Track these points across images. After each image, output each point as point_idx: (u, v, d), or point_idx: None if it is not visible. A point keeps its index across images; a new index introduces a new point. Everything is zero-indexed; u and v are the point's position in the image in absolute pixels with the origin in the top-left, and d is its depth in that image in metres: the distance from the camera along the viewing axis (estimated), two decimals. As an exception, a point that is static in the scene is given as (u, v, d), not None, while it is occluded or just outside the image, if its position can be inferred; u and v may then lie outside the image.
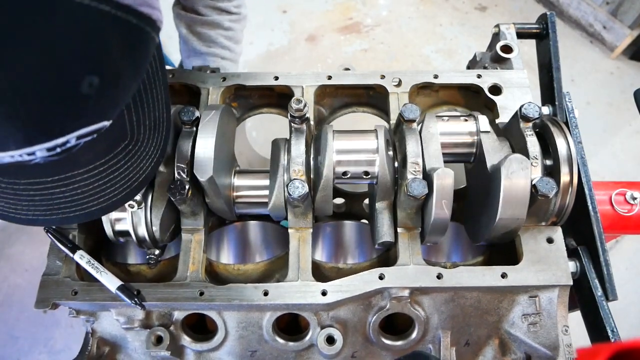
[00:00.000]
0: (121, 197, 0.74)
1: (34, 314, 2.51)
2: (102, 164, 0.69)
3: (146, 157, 0.75)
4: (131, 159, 0.72)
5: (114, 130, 0.66)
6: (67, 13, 0.49)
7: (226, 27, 1.48)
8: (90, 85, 0.54)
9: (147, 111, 0.73)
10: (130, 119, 0.70)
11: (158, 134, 0.77)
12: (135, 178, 0.75)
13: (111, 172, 0.70)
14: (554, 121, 0.94)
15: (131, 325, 0.93)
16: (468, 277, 0.89)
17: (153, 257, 0.96)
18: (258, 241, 1.19)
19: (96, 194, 0.70)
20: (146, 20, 0.60)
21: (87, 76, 0.54)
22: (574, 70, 3.37)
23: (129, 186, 0.74)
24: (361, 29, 3.56)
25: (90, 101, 0.56)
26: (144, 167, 0.75)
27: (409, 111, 0.92)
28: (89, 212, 0.72)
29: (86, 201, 0.70)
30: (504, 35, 1.16)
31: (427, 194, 0.86)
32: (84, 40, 0.52)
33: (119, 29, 0.56)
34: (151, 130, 0.75)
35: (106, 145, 0.67)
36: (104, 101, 0.59)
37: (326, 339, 0.91)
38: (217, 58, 1.49)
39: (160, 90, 0.76)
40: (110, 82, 0.59)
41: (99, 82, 0.55)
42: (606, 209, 1.17)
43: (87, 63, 0.54)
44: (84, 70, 0.54)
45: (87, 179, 0.68)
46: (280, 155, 0.96)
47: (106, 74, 0.57)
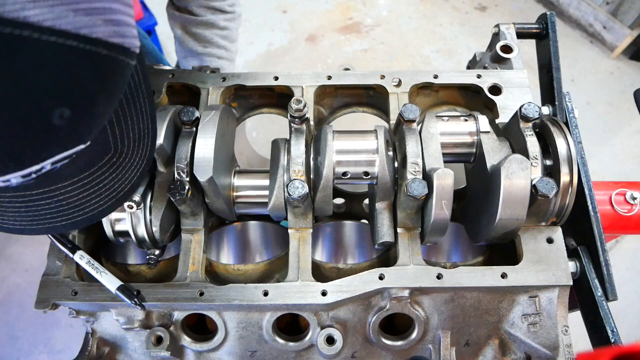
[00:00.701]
0: (107, 206, 0.75)
1: (34, 314, 2.51)
2: (85, 176, 0.69)
3: (131, 168, 0.76)
4: (115, 171, 0.73)
5: (96, 146, 0.66)
6: (34, 51, 0.50)
7: (221, 27, 1.48)
8: (61, 116, 0.55)
9: (131, 124, 0.73)
10: (113, 133, 0.70)
11: (143, 145, 0.77)
12: (120, 189, 0.75)
13: (95, 184, 0.71)
14: (554, 121, 0.94)
15: (131, 326, 0.94)
16: (468, 277, 0.89)
17: (153, 258, 0.96)
18: (258, 241, 1.19)
19: (81, 204, 0.71)
20: (117, 49, 0.60)
21: (57, 108, 0.55)
22: (574, 70, 3.37)
23: (114, 196, 0.75)
24: (361, 29, 3.56)
25: (61, 131, 0.57)
26: (129, 177, 0.76)
27: (409, 111, 0.92)
28: (74, 221, 0.72)
29: (72, 211, 0.71)
30: (504, 35, 1.16)
31: (427, 194, 0.86)
32: (52, 74, 0.53)
33: (89, 62, 0.57)
34: (135, 142, 0.75)
35: (88, 160, 0.67)
36: (77, 129, 0.60)
37: (326, 339, 0.91)
38: (214, 58, 1.49)
39: (144, 102, 0.75)
40: (83, 112, 0.59)
41: (70, 113, 0.56)
42: (606, 209, 1.17)
43: (56, 96, 0.55)
44: (53, 103, 0.55)
45: (71, 191, 0.69)
46: (280, 155, 0.96)
47: (78, 105, 0.58)
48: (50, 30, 0.50)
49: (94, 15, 0.55)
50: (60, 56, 0.53)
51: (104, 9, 0.57)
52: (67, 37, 0.52)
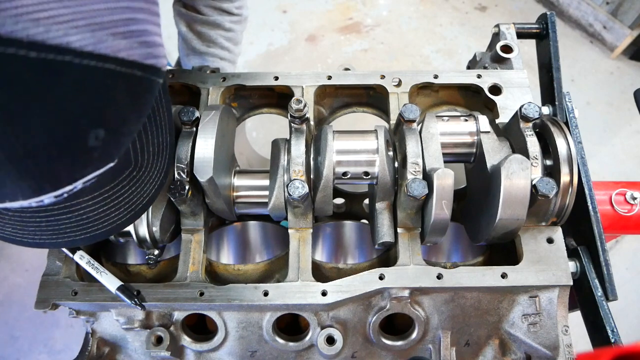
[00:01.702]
0: (125, 220, 0.75)
1: (34, 314, 2.51)
2: (106, 191, 0.70)
3: (150, 182, 0.77)
4: (135, 184, 0.74)
5: (119, 162, 0.67)
6: (73, 76, 0.51)
7: (227, 28, 1.47)
8: (96, 138, 0.57)
9: (151, 138, 0.74)
10: (134, 148, 0.71)
11: (161, 158, 0.78)
12: (139, 202, 0.76)
13: (115, 198, 0.72)
14: (554, 121, 0.94)
15: (131, 326, 0.93)
16: (468, 277, 0.89)
17: (152, 258, 0.96)
18: (258, 241, 1.19)
19: (101, 218, 0.72)
20: (151, 70, 0.61)
21: (93, 130, 0.56)
22: (574, 70, 3.37)
23: (132, 209, 0.75)
24: (361, 29, 3.56)
25: (96, 152, 0.59)
26: (147, 190, 0.77)
27: (409, 111, 0.92)
28: (93, 235, 0.73)
29: (91, 225, 0.72)
30: (504, 35, 1.16)
31: (427, 194, 0.86)
32: (90, 97, 0.54)
33: (125, 83, 0.58)
34: (155, 156, 0.76)
35: (111, 175, 0.68)
36: (109, 149, 0.61)
37: (326, 339, 0.91)
38: (216, 58, 1.49)
39: (164, 117, 0.77)
40: (116, 132, 0.61)
41: (104, 134, 0.58)
42: (606, 209, 1.17)
43: (93, 118, 0.56)
44: (90, 125, 0.56)
45: (91, 205, 0.69)
46: (280, 155, 0.96)
47: (111, 125, 0.59)
48: (91, 55, 0.51)
49: (131, 38, 0.56)
50: (98, 79, 0.54)
51: (140, 31, 0.58)
52: (105, 60, 0.53)
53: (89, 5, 0.51)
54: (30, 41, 0.46)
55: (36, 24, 0.46)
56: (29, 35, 0.46)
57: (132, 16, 0.56)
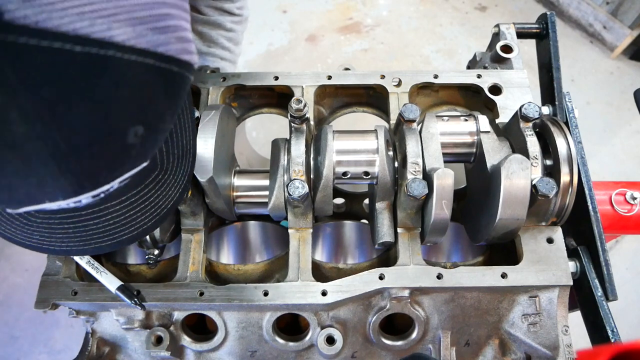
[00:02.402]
0: (150, 224, 0.75)
1: (34, 314, 2.51)
2: (133, 194, 0.70)
3: (174, 185, 0.77)
4: (161, 188, 0.74)
5: (144, 168, 0.67)
6: (115, 70, 0.51)
7: (228, 29, 1.47)
8: (135, 134, 0.56)
9: (176, 140, 0.74)
10: (160, 151, 0.71)
11: (186, 161, 0.78)
12: (164, 206, 0.76)
13: (142, 202, 0.72)
14: (554, 121, 0.94)
15: (131, 326, 0.93)
16: (468, 277, 0.89)
17: (152, 257, 0.96)
18: (258, 241, 1.19)
19: (127, 223, 0.72)
20: (186, 66, 0.61)
21: (133, 127, 0.56)
22: (574, 70, 3.37)
23: (158, 214, 0.75)
24: (361, 29, 3.56)
25: (134, 150, 0.58)
26: (172, 194, 0.77)
27: (409, 111, 0.92)
28: (119, 240, 0.73)
29: (118, 230, 0.72)
30: (504, 35, 1.16)
31: (427, 194, 0.86)
32: (130, 93, 0.54)
33: (162, 79, 0.58)
34: (179, 159, 0.76)
35: (138, 178, 0.68)
36: (146, 147, 0.61)
37: (326, 339, 0.91)
38: (217, 58, 1.49)
39: (188, 119, 0.77)
40: (154, 129, 0.61)
41: (143, 131, 0.57)
42: (606, 209, 1.17)
43: (133, 115, 0.56)
44: (131, 122, 0.56)
45: (119, 209, 0.69)
46: (280, 155, 0.96)
47: (150, 122, 0.59)
48: (132, 49, 0.51)
49: (168, 33, 0.56)
50: (138, 74, 0.54)
51: (175, 26, 0.58)
52: (146, 55, 0.53)
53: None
54: (75, 35, 0.46)
55: (81, 18, 0.46)
56: (75, 29, 0.46)
57: (168, 11, 0.56)
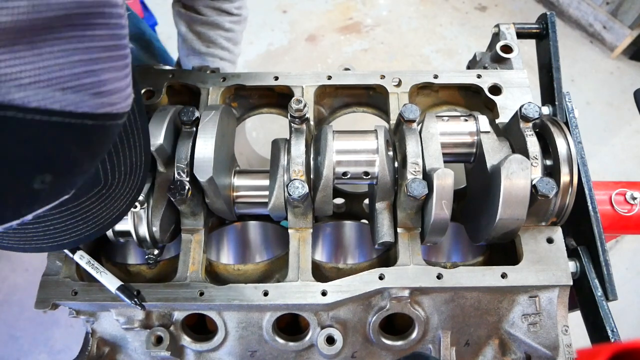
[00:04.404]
0: (94, 232, 0.74)
1: (34, 314, 2.51)
2: (74, 206, 0.68)
3: (121, 198, 0.75)
4: (104, 201, 0.72)
5: (84, 183, 0.66)
6: (16, 128, 0.49)
7: (226, 29, 1.47)
8: (42, 182, 0.55)
9: (123, 159, 0.72)
10: (104, 169, 0.69)
11: (134, 177, 0.76)
12: (108, 216, 0.75)
13: (83, 213, 0.71)
14: (554, 121, 0.94)
15: (131, 326, 0.93)
16: (468, 277, 0.89)
17: (152, 257, 0.96)
18: (258, 241, 1.19)
19: (68, 229, 0.71)
20: (105, 117, 0.59)
21: (39, 176, 0.55)
22: (574, 70, 3.37)
23: (101, 223, 0.75)
24: (361, 29, 3.56)
25: (43, 193, 0.57)
26: (117, 207, 0.75)
27: (409, 111, 0.92)
28: (60, 244, 0.73)
29: (58, 235, 0.71)
30: (504, 35, 1.16)
31: (427, 194, 0.86)
32: (35, 147, 0.52)
33: (74, 133, 0.56)
34: (127, 175, 0.74)
35: (75, 196, 0.67)
36: (59, 188, 0.60)
37: (326, 339, 0.91)
38: (216, 59, 1.49)
39: (138, 137, 0.74)
40: (65, 174, 0.59)
41: (51, 178, 0.56)
42: (606, 209, 1.17)
43: (38, 166, 0.54)
44: (35, 172, 0.54)
45: (58, 218, 0.68)
46: (280, 155, 0.96)
47: (60, 170, 0.57)
48: (35, 110, 0.50)
49: (81, 91, 0.54)
50: (43, 131, 0.52)
51: (94, 82, 0.55)
52: (51, 114, 0.51)
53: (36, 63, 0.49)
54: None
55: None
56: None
57: (85, 69, 0.54)
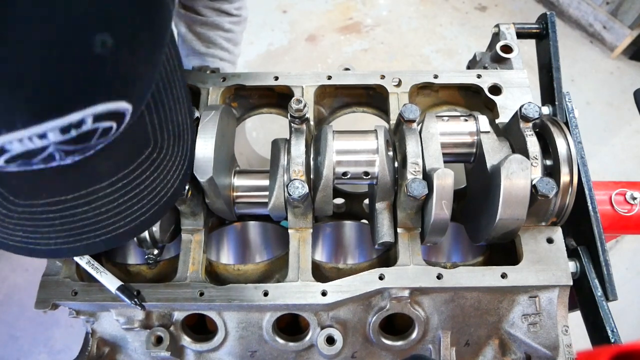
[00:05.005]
0: (149, 215, 0.67)
1: (34, 314, 2.51)
2: (125, 175, 0.62)
3: (173, 169, 0.69)
4: (157, 170, 0.66)
5: (135, 131, 0.60)
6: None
7: (226, 29, 1.47)
8: (103, 44, 0.48)
9: (169, 114, 0.67)
10: (151, 122, 0.63)
11: (183, 142, 0.71)
12: (163, 192, 0.68)
13: (136, 186, 0.64)
14: (554, 121, 0.94)
15: (131, 326, 0.93)
16: (468, 277, 0.89)
17: (152, 257, 0.96)
18: (258, 241, 1.19)
19: (121, 212, 0.63)
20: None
21: (98, 33, 0.47)
22: (574, 70, 3.36)
23: (156, 202, 0.67)
24: (361, 29, 3.55)
25: (104, 65, 0.50)
26: (171, 180, 0.69)
27: (409, 111, 0.92)
28: (115, 234, 0.64)
29: (111, 222, 0.63)
30: (504, 35, 1.16)
31: (427, 195, 0.86)
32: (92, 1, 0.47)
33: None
34: (175, 138, 0.69)
35: (127, 150, 0.61)
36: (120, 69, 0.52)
37: (326, 339, 0.91)
38: (216, 59, 1.49)
39: (181, 92, 0.70)
40: (126, 43, 0.51)
41: (112, 42, 0.49)
42: (606, 209, 1.17)
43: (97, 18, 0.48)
44: (94, 26, 0.47)
45: (110, 194, 0.61)
46: (280, 155, 0.96)
47: (120, 33, 0.50)
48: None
49: None
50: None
51: None
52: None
53: None
54: None
55: None
56: None
57: None
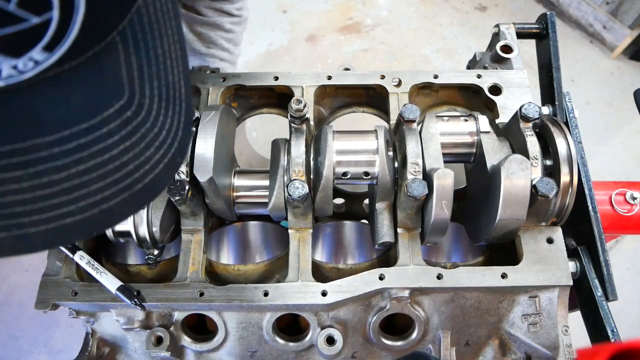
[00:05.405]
0: (115, 203, 0.46)
1: (34, 314, 2.51)
2: (82, 132, 0.42)
3: (155, 144, 0.49)
4: (131, 137, 0.46)
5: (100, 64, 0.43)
6: None
7: (227, 29, 1.47)
8: None
9: (156, 64, 0.50)
10: (127, 60, 0.46)
11: (173, 112, 0.52)
12: (138, 174, 0.48)
13: (98, 153, 0.43)
14: (554, 121, 0.94)
15: (131, 326, 0.93)
16: (468, 277, 0.89)
17: (152, 257, 0.96)
18: (258, 241, 1.19)
19: (73, 189, 0.43)
20: None
21: None
22: (574, 70, 3.36)
23: (127, 187, 0.47)
24: (361, 29, 3.55)
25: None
26: (152, 159, 0.49)
27: (409, 111, 0.92)
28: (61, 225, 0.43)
29: (56, 203, 0.43)
30: (504, 35, 1.16)
31: (427, 195, 0.86)
32: None
33: None
34: (162, 100, 0.50)
35: (88, 93, 0.43)
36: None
37: (326, 340, 0.91)
38: (216, 59, 1.49)
39: (175, 47, 0.52)
40: None
41: None
42: (606, 209, 1.17)
43: None
44: None
45: (56, 157, 0.41)
46: (280, 155, 0.96)
47: None
48: None
49: None
50: None
51: None
52: None
53: None
54: None
55: None
56: None
57: None
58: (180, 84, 0.54)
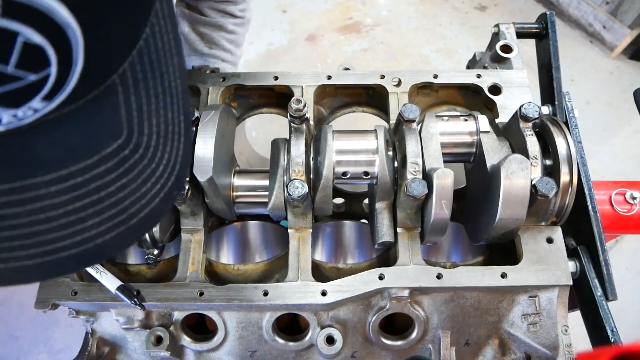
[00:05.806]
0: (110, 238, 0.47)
1: (34, 314, 2.51)
2: (80, 171, 0.43)
3: (152, 180, 0.50)
4: (128, 175, 0.47)
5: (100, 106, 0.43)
6: None
7: (230, 31, 1.47)
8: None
9: (156, 103, 0.49)
10: (127, 101, 0.46)
11: (171, 149, 0.52)
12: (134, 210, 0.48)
13: (95, 191, 0.44)
14: (554, 121, 0.94)
15: (131, 326, 0.93)
16: (468, 277, 0.89)
17: (152, 257, 0.96)
18: (258, 241, 1.19)
19: (69, 225, 0.44)
20: None
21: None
22: (574, 70, 3.36)
23: (123, 222, 0.47)
24: (361, 29, 3.55)
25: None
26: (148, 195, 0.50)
27: (409, 111, 0.92)
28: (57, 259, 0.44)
29: (53, 238, 0.43)
30: (504, 35, 1.16)
31: (427, 194, 0.86)
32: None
33: None
34: (160, 138, 0.50)
35: (87, 133, 0.43)
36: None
37: (326, 339, 0.91)
38: (218, 60, 1.49)
39: (176, 84, 0.52)
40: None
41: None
42: (606, 209, 1.17)
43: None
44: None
45: (55, 195, 0.42)
46: (280, 155, 0.96)
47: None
48: None
49: None
50: None
51: None
52: None
53: None
54: None
55: None
56: None
57: None
58: (180, 119, 0.54)
